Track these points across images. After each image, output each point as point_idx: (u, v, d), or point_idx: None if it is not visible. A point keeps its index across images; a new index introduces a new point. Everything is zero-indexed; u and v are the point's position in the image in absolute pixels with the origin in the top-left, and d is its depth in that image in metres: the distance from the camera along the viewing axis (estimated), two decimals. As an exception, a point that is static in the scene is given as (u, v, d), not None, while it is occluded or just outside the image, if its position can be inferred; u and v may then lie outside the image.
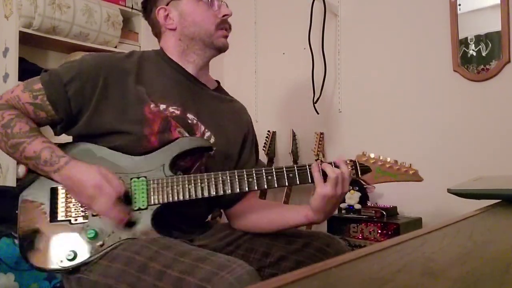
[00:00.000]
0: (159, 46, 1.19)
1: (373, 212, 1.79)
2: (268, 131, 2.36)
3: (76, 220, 0.97)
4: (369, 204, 1.91)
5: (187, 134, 1.07)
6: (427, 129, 1.89)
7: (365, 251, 0.41)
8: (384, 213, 1.78)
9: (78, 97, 1.01)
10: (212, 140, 1.12)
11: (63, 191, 0.99)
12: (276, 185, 0.99)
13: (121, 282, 0.87)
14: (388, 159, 1.03)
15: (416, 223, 1.80)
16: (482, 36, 1.75)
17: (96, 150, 1.02)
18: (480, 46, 1.75)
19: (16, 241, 1.26)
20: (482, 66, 1.75)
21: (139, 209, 0.97)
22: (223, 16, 1.13)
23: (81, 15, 2.00)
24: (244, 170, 1.00)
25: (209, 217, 1.29)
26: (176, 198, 0.98)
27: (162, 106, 1.06)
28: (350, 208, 1.89)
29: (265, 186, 1.00)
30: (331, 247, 1.05)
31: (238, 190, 0.99)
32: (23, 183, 1.02)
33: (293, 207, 1.18)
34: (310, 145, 2.19)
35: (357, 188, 1.91)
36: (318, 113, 2.21)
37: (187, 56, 1.14)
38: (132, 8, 2.41)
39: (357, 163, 1.02)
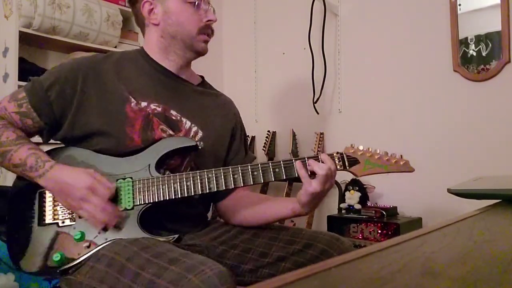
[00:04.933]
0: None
1: (373, 212, 1.79)
2: (268, 131, 2.36)
3: (63, 222, 0.98)
4: (369, 204, 1.91)
5: (170, 132, 1.07)
6: (427, 129, 1.89)
7: (365, 251, 0.41)
8: (384, 213, 1.78)
9: (60, 101, 1.03)
10: (200, 134, 1.12)
11: (50, 194, 1.00)
12: (262, 181, 0.99)
13: (103, 283, 0.86)
14: (378, 151, 1.04)
15: (416, 223, 1.80)
16: (482, 36, 1.75)
17: (80, 153, 1.03)
18: (480, 46, 1.75)
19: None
20: (482, 66, 1.75)
21: (125, 209, 0.97)
22: (207, 21, 1.13)
23: (81, 15, 2.00)
24: (229, 167, 1.00)
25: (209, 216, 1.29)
26: (161, 197, 0.98)
27: (144, 104, 1.06)
28: (350, 208, 1.89)
29: (251, 182, 0.99)
30: (333, 248, 1.02)
31: (224, 187, 0.99)
32: (12, 190, 1.03)
33: (279, 200, 1.18)
34: (310, 145, 2.19)
35: (357, 188, 1.91)
36: (318, 113, 2.21)
37: (168, 54, 1.15)
38: (132, 8, 2.41)
39: (345, 155, 1.03)
